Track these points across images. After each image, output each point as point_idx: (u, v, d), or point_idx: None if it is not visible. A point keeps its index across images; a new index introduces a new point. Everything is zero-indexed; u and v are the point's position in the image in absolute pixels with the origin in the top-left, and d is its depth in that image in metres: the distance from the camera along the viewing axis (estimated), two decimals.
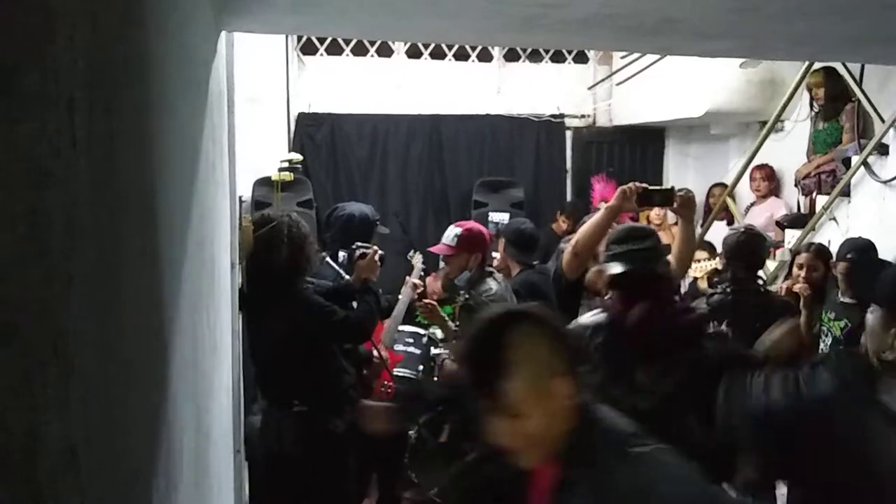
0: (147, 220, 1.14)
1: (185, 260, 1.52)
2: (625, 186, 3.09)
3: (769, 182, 5.84)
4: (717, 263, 4.63)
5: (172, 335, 1.35)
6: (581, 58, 7.18)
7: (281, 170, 5.60)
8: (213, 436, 2.05)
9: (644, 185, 3.10)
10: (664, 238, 5.70)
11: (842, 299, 3.49)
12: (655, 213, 5.99)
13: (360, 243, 3.57)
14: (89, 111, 0.78)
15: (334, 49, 6.59)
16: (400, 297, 3.97)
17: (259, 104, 5.64)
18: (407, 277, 4.09)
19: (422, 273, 4.29)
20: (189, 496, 1.50)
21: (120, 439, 0.95)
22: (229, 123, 2.85)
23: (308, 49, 6.53)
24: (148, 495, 1.11)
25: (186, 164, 1.63)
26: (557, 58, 7.11)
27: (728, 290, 3.54)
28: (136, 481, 1.05)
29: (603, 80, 7.09)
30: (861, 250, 3.59)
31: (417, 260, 4.39)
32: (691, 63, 5.61)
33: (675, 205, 3.17)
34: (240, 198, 3.71)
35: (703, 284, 4.76)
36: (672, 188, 3.25)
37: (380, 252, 3.50)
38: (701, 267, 4.68)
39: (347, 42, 6.56)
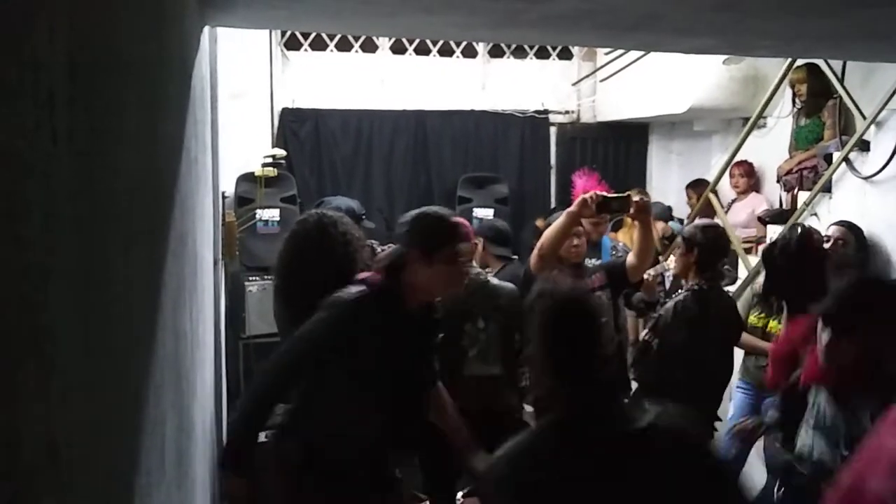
0: (129, 216, 1.14)
1: (167, 256, 1.51)
2: (585, 195, 3.37)
3: (748, 178, 5.88)
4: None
5: (155, 332, 1.35)
6: (565, 54, 7.20)
7: (264, 165, 5.58)
8: (195, 433, 2.04)
9: (603, 193, 3.40)
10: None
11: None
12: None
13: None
14: (70, 106, 0.77)
15: (318, 44, 6.57)
16: None
17: (242, 99, 5.62)
18: None
19: None
20: (171, 493, 1.49)
21: (102, 436, 0.94)
22: (212, 119, 2.84)
23: (292, 44, 6.51)
24: (130, 492, 1.10)
25: (168, 159, 1.62)
26: (542, 54, 7.12)
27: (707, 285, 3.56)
28: (118, 478, 1.05)
29: (587, 76, 7.12)
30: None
31: None
32: (674, 60, 5.63)
33: (630, 211, 3.42)
34: (223, 193, 3.70)
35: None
36: (628, 195, 3.46)
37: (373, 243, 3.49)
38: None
39: (331, 37, 6.54)
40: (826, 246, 3.84)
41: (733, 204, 5.96)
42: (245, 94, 5.71)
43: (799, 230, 3.66)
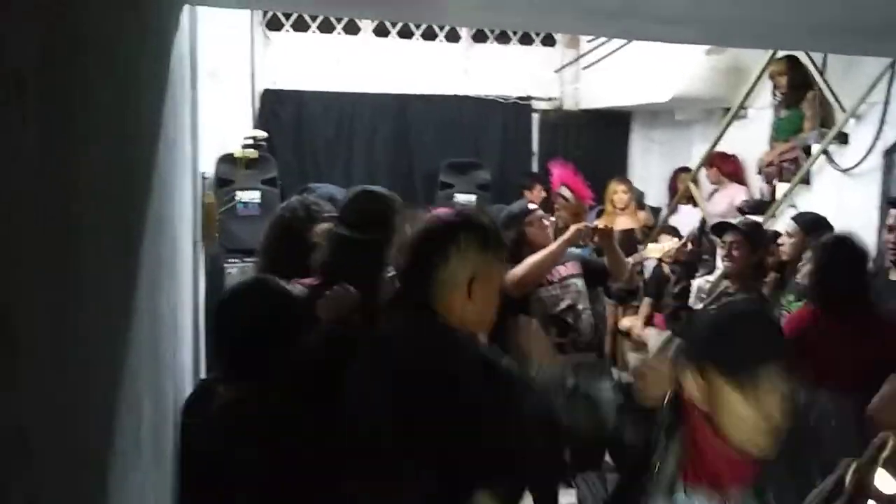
0: (104, 197, 1.12)
1: (144, 237, 1.50)
2: (579, 226, 3.59)
3: (718, 170, 5.92)
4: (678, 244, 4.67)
5: (131, 314, 1.33)
6: (549, 40, 7.18)
7: (245, 147, 5.55)
8: (173, 417, 2.03)
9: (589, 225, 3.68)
10: (626, 223, 5.76)
11: (799, 280, 3.52)
12: (618, 196, 6.03)
13: None
14: (41, 87, 0.76)
15: (300, 25, 6.52)
16: None
17: (223, 80, 5.56)
18: None
19: None
20: (147, 477, 1.49)
21: (76, 420, 0.93)
22: (192, 99, 2.81)
23: (273, 25, 6.45)
24: (104, 476, 1.09)
25: (146, 140, 1.60)
26: (525, 40, 7.10)
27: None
28: (93, 462, 1.04)
29: (570, 63, 7.11)
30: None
31: None
32: (657, 49, 5.64)
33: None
34: (202, 175, 3.67)
35: (666, 268, 4.80)
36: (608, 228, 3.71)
37: None
38: (662, 249, 4.69)
39: (314, 19, 6.49)
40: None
41: (714, 194, 6.00)
42: (226, 75, 5.65)
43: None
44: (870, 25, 2.85)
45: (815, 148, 4.76)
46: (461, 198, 6.53)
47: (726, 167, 5.92)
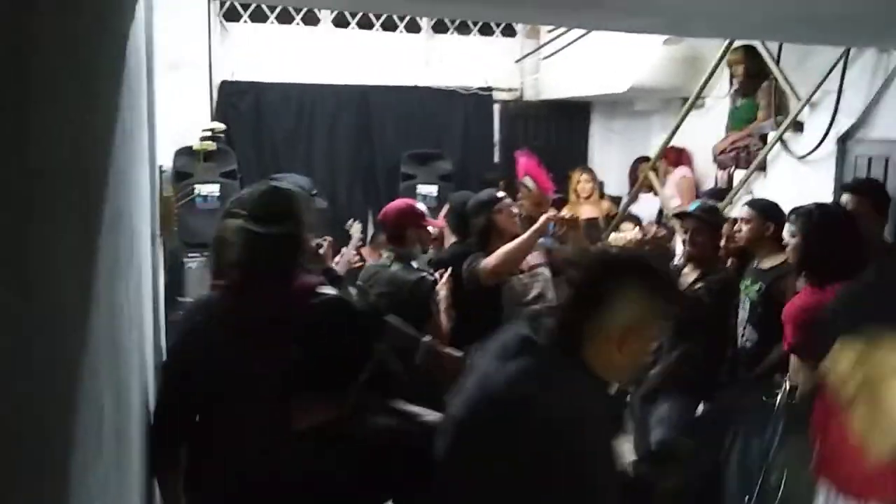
0: (59, 188, 1.10)
1: (101, 230, 1.47)
2: (549, 216, 3.66)
3: (674, 157, 6.03)
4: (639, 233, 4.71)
5: (88, 308, 1.31)
6: (509, 31, 7.20)
7: (203, 139, 5.47)
8: (135, 413, 2.00)
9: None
10: (590, 212, 5.81)
11: (758, 266, 3.56)
12: (581, 186, 6.08)
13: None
14: None
15: (258, 16, 6.44)
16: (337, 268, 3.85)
17: (180, 71, 5.48)
18: (343, 249, 3.95)
19: (359, 243, 4.22)
20: (109, 472, 1.47)
21: (31, 415, 0.91)
22: (149, 90, 2.76)
23: (231, 15, 6.37)
24: (64, 472, 1.08)
25: (103, 131, 1.57)
26: (485, 31, 7.11)
27: None
28: (51, 458, 1.02)
29: (530, 53, 7.13)
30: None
31: (356, 230, 4.28)
32: (616, 39, 5.68)
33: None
34: (160, 167, 3.61)
35: None
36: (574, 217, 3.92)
37: (329, 239, 3.43)
38: (625, 238, 4.74)
39: (272, 9, 6.42)
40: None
41: (665, 182, 6.08)
42: (183, 66, 5.57)
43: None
44: (823, 15, 2.89)
45: (772, 135, 4.84)
46: (423, 189, 6.52)
47: (671, 156, 6.03)
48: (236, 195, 3.12)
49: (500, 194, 3.84)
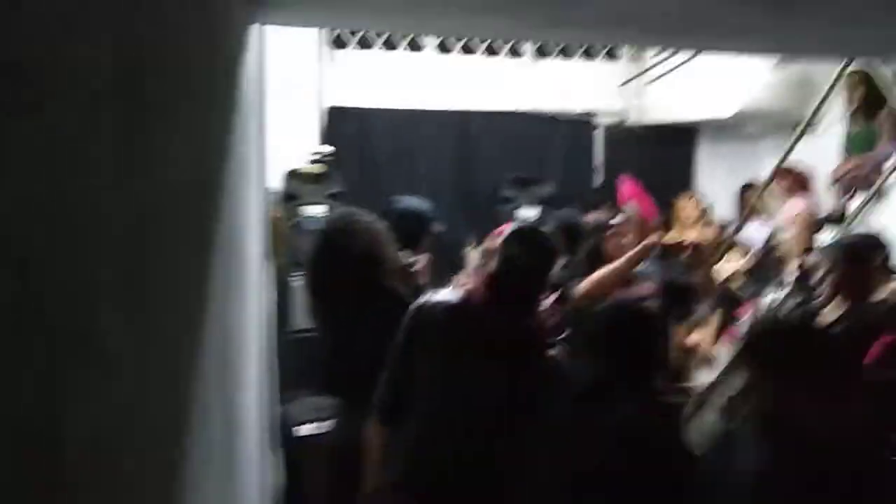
0: (177, 213, 1.15)
1: (215, 252, 1.53)
2: (649, 242, 3.48)
3: (791, 183, 5.78)
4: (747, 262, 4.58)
5: (203, 327, 1.36)
6: (612, 55, 7.13)
7: (311, 162, 5.63)
8: (243, 428, 2.07)
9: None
10: (695, 237, 5.66)
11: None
12: (688, 212, 5.94)
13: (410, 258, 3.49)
14: (115, 101, 0.79)
15: (365, 43, 6.60)
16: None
17: (290, 97, 5.66)
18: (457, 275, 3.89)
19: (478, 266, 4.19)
20: (219, 487, 1.51)
21: (148, 429, 0.96)
22: (260, 116, 2.86)
23: (339, 43, 6.55)
24: (178, 486, 1.12)
25: (218, 157, 1.65)
26: (588, 55, 7.07)
27: None
28: (165, 472, 1.07)
29: (634, 77, 7.04)
30: None
31: (475, 255, 4.22)
32: (723, 62, 5.55)
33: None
34: (269, 190, 3.74)
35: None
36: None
37: (423, 258, 3.47)
38: (735, 269, 4.62)
39: (378, 36, 6.57)
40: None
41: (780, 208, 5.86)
42: (293, 93, 5.75)
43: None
44: None
45: (889, 163, 4.63)
46: (523, 212, 6.51)
47: (786, 181, 5.79)
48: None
49: (615, 220, 3.78)
